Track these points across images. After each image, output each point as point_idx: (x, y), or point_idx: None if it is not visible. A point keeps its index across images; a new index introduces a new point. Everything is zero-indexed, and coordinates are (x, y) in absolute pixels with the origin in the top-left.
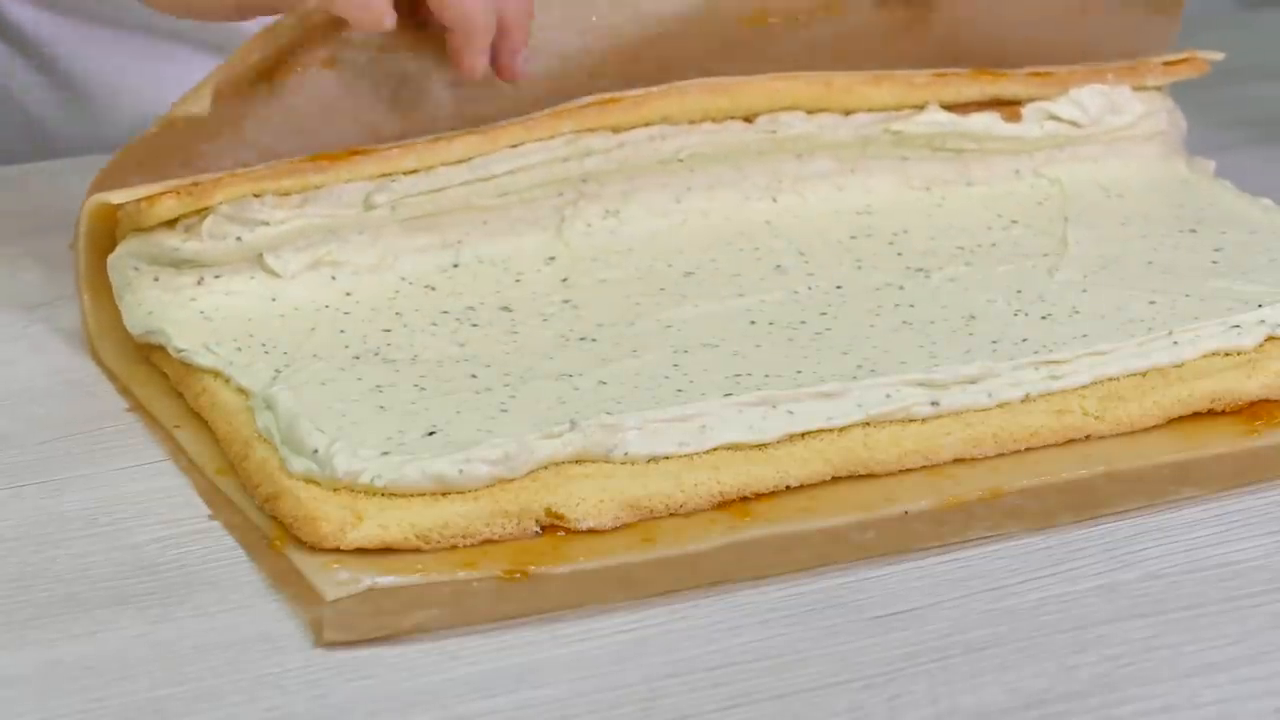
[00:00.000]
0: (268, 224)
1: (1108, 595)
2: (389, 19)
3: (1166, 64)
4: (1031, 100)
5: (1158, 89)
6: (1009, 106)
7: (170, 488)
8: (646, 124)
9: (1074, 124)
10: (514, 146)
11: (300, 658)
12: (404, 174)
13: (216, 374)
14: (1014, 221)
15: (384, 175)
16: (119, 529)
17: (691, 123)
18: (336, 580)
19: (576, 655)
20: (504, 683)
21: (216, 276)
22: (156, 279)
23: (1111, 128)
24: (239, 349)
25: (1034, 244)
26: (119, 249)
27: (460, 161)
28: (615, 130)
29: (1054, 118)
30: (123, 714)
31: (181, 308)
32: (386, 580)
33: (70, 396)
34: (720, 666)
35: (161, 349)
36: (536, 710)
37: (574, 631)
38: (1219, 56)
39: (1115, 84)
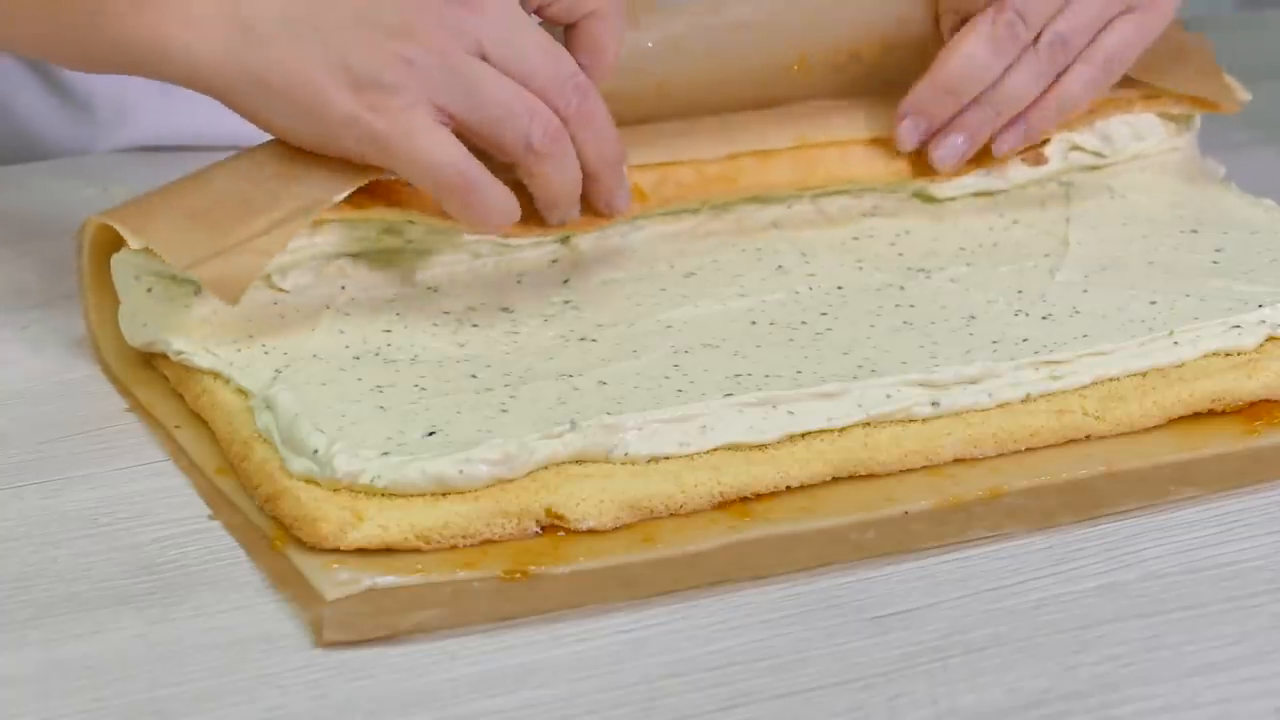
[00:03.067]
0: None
1: (1108, 595)
2: (513, 218)
3: (1194, 100)
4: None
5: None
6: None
7: (170, 488)
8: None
9: (1098, 154)
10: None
11: (300, 658)
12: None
13: (216, 375)
14: (1015, 222)
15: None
16: (119, 529)
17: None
18: (336, 580)
19: (576, 655)
20: (504, 683)
21: None
22: (150, 290)
23: (1134, 153)
24: (238, 350)
25: (1035, 244)
26: (125, 251)
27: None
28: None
29: (1078, 148)
30: (123, 714)
31: (178, 314)
32: (386, 580)
33: (70, 396)
34: (720, 666)
35: (161, 354)
36: (536, 710)
37: (574, 631)
38: (1247, 97)
39: (1141, 113)
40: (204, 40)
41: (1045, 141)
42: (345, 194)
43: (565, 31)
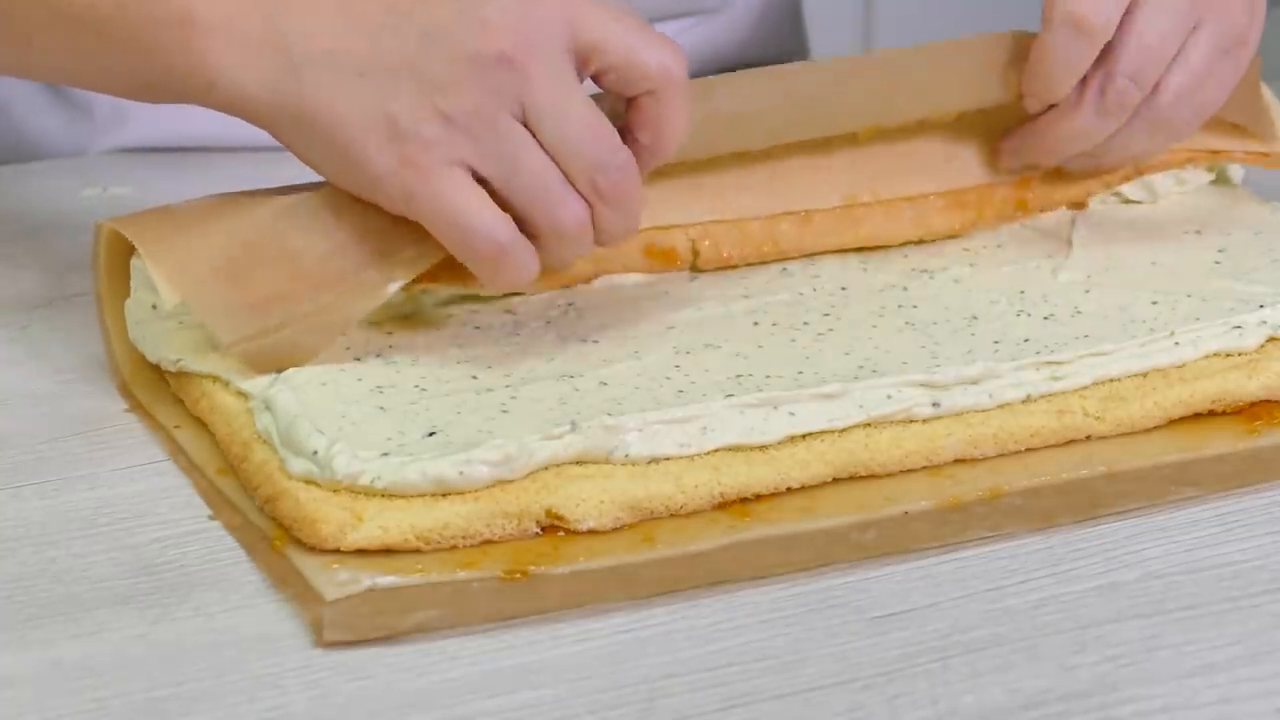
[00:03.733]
0: None
1: (1108, 595)
2: (534, 278)
3: (1248, 153)
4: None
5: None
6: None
7: (170, 488)
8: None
9: (1136, 201)
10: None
11: (300, 658)
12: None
13: (215, 378)
14: (1020, 223)
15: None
16: (119, 529)
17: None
18: (336, 580)
19: (576, 655)
20: (504, 683)
21: None
22: (155, 306)
23: (1175, 194)
24: None
25: (1039, 244)
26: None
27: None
28: None
29: (1118, 193)
30: (123, 714)
31: (177, 331)
32: (386, 580)
33: (70, 396)
34: (720, 666)
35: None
36: (536, 710)
37: (574, 631)
38: None
39: (1191, 169)
40: (250, 71)
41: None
42: (399, 285)
43: (627, 104)
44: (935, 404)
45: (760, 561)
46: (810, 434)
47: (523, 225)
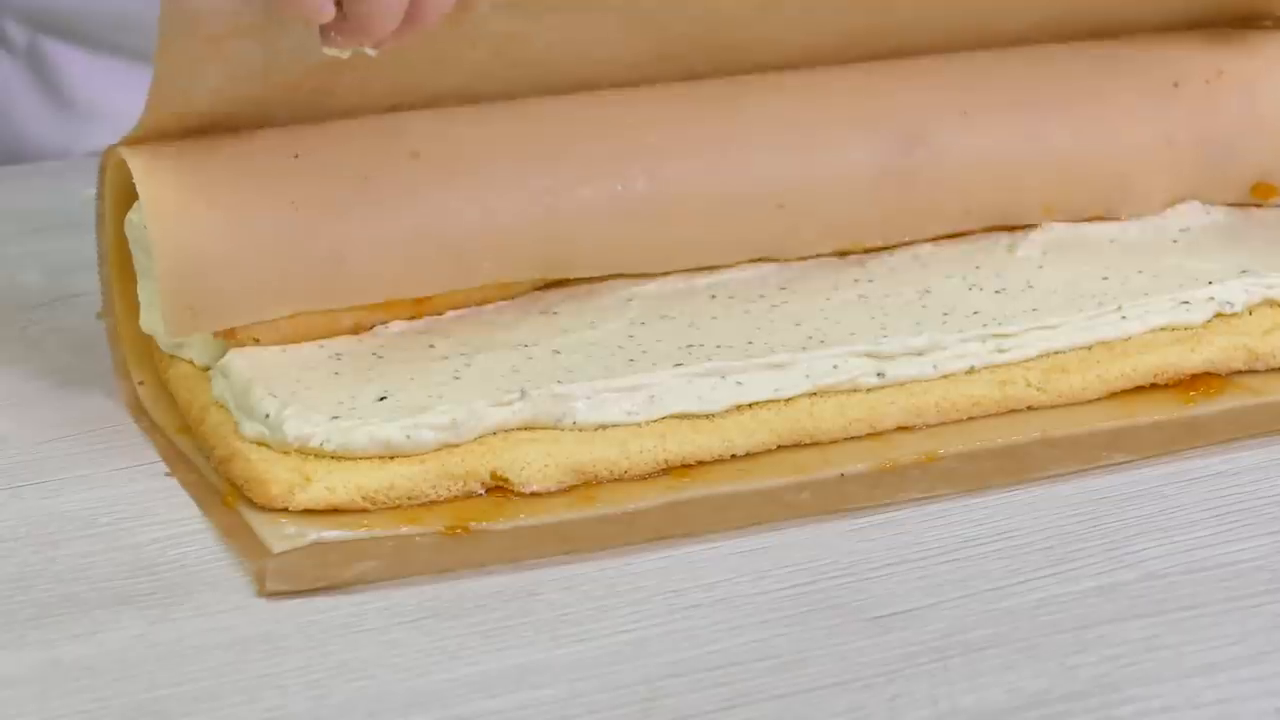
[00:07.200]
0: None
1: (1108, 595)
2: (327, 8)
3: None
4: None
5: None
6: None
7: (170, 487)
8: None
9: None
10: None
11: (300, 658)
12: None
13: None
14: None
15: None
16: (119, 529)
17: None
18: (283, 534)
19: (576, 655)
20: (504, 683)
21: None
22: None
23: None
24: None
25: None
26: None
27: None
28: None
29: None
30: (123, 714)
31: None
32: (331, 535)
33: (70, 396)
34: (720, 666)
35: None
36: (536, 710)
37: (573, 632)
38: None
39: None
40: None
41: None
42: None
43: None
44: (880, 374)
45: (697, 520)
46: (756, 403)
47: None
